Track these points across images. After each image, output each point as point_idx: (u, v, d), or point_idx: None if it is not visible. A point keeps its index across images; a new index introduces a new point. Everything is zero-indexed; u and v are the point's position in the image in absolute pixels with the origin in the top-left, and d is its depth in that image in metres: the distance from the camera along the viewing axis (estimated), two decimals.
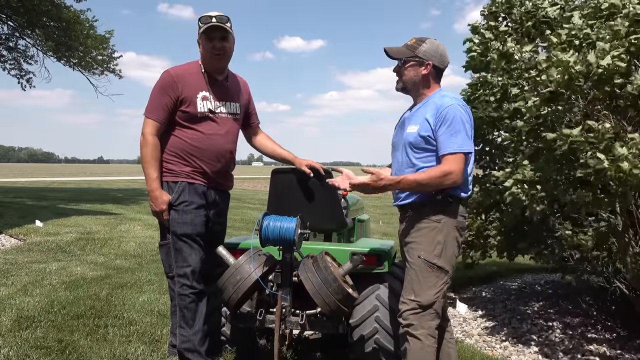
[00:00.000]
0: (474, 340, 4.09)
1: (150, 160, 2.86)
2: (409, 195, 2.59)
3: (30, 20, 14.29)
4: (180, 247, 2.86)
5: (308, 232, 2.86)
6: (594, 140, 2.91)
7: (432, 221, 2.52)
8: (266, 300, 2.97)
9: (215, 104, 2.93)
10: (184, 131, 2.90)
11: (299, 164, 3.09)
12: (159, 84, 2.90)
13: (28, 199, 14.18)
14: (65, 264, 6.10)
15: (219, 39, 2.87)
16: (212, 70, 2.95)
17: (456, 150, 2.43)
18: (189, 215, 2.86)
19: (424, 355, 2.46)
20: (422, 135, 2.51)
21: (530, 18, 4.07)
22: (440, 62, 2.62)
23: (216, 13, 2.87)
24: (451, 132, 2.44)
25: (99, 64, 16.14)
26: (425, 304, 2.48)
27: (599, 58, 2.95)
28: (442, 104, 2.50)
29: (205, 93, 2.91)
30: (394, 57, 2.65)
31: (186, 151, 2.89)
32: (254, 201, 16.53)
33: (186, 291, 2.85)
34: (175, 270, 2.90)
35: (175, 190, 2.88)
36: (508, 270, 6.61)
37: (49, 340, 3.47)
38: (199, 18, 2.89)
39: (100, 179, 36.43)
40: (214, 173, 2.94)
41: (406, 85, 2.66)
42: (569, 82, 3.08)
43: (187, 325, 2.84)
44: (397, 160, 2.67)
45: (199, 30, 2.89)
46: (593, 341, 3.97)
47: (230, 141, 3.02)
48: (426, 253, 2.50)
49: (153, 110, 2.89)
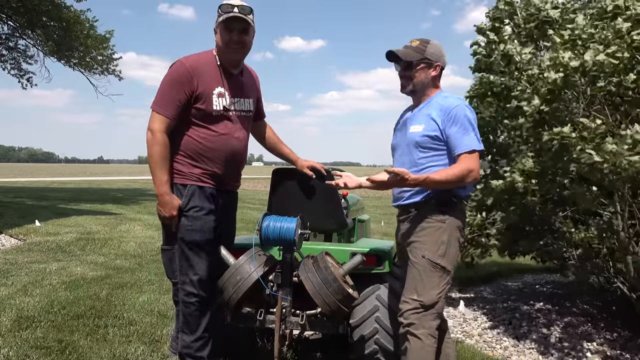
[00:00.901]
0: (474, 340, 4.09)
1: (160, 160, 2.63)
2: (413, 195, 2.58)
3: (30, 20, 14.30)
4: (188, 254, 2.71)
5: (308, 232, 2.85)
6: (586, 136, 2.98)
7: (437, 221, 2.52)
8: (266, 300, 2.96)
9: (230, 101, 2.73)
10: (196, 130, 2.70)
11: (301, 165, 3.06)
12: (172, 76, 2.66)
13: (28, 199, 14.19)
14: (65, 264, 6.10)
15: (238, 31, 2.65)
16: (227, 63, 2.74)
17: (472, 148, 2.47)
18: (198, 222, 2.69)
19: (423, 355, 2.46)
20: (429, 134, 2.52)
21: (533, 20, 4.11)
22: (444, 63, 2.65)
23: (238, 2, 2.65)
24: (463, 132, 2.47)
25: (99, 64, 16.14)
26: (428, 303, 2.47)
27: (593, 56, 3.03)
28: (449, 104, 2.52)
29: (221, 89, 2.70)
30: (404, 60, 2.61)
31: (197, 152, 2.70)
32: (254, 201, 16.52)
33: (191, 299, 2.73)
34: (179, 277, 2.76)
35: (184, 195, 2.70)
36: (508, 270, 6.61)
37: (49, 340, 3.47)
38: (219, 5, 2.65)
39: (100, 179, 36.44)
40: (224, 175, 2.78)
41: (416, 88, 2.64)
42: (565, 80, 3.14)
43: (190, 331, 2.76)
44: (400, 162, 2.65)
45: (217, 18, 2.66)
46: (593, 341, 3.97)
47: (244, 141, 2.84)
48: (430, 253, 2.49)
49: (164, 105, 2.64)
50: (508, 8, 4.28)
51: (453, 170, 2.45)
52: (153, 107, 2.69)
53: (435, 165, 2.53)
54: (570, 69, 3.10)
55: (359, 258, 2.81)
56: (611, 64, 3.01)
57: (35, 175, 41.27)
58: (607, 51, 3.01)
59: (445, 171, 2.45)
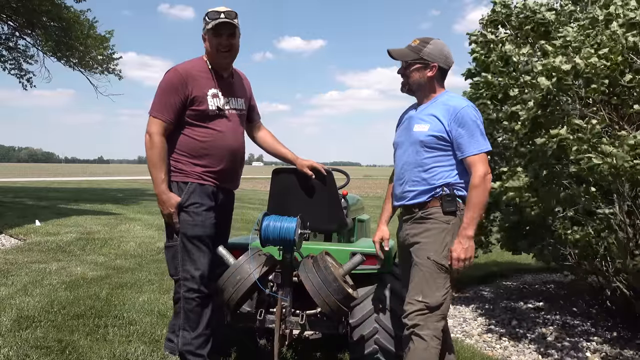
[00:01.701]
0: (474, 340, 4.09)
1: (157, 162, 2.77)
2: (417, 195, 2.56)
3: (30, 21, 14.29)
4: (190, 249, 2.79)
5: (308, 232, 2.85)
6: (582, 136, 3.00)
7: (441, 222, 2.51)
8: (266, 300, 2.97)
9: (224, 101, 2.88)
10: (194, 130, 2.83)
11: (300, 165, 3.07)
12: (168, 82, 2.81)
13: (28, 199, 14.19)
14: (65, 264, 6.10)
15: (227, 35, 2.80)
16: (218, 67, 2.89)
17: (480, 150, 2.47)
18: (199, 217, 2.79)
19: (427, 356, 2.44)
20: (435, 134, 2.51)
21: (528, 23, 4.14)
22: (445, 63, 2.60)
23: (224, 8, 2.78)
24: (471, 134, 2.47)
25: (99, 64, 16.14)
26: (434, 305, 2.46)
27: (584, 59, 3.09)
28: (455, 105, 2.51)
29: (214, 90, 2.85)
30: (397, 59, 2.63)
31: (197, 150, 2.82)
32: (254, 201, 16.52)
33: (192, 295, 2.79)
34: (181, 274, 2.82)
35: (185, 191, 2.81)
36: (508, 270, 6.61)
37: (49, 340, 3.47)
38: (206, 13, 2.81)
39: (101, 178, 36.44)
40: (225, 172, 2.89)
41: (412, 87, 2.65)
42: (557, 84, 3.19)
43: (191, 328, 2.80)
44: (402, 160, 2.64)
45: (205, 26, 2.81)
46: (593, 341, 3.97)
47: (240, 138, 2.98)
48: (436, 254, 2.48)
49: (160, 110, 2.79)
50: (505, 11, 4.31)
51: (474, 188, 2.44)
52: (150, 113, 2.83)
53: (441, 166, 2.52)
54: (563, 72, 3.15)
55: (359, 258, 2.81)
56: (604, 66, 3.06)
57: (35, 175, 41.27)
58: (599, 53, 3.07)
59: (471, 195, 2.45)
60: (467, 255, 2.44)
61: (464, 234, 2.44)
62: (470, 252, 2.45)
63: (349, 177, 3.95)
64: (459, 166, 2.53)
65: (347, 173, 4.05)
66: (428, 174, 2.53)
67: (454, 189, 2.51)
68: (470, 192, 2.46)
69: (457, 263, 2.44)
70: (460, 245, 2.43)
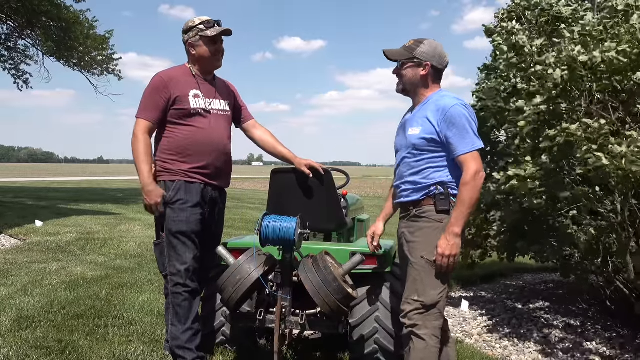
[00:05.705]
0: (474, 340, 4.09)
1: (142, 155, 2.89)
2: (412, 193, 2.58)
3: (29, 21, 14.28)
4: (174, 244, 2.89)
5: (308, 232, 2.86)
6: (590, 136, 2.98)
7: (434, 221, 2.52)
8: (266, 300, 2.97)
9: (207, 101, 3.01)
10: (178, 128, 2.95)
11: (299, 164, 3.09)
12: (151, 87, 2.97)
13: (28, 199, 14.18)
14: (65, 264, 6.10)
15: (221, 41, 3.04)
16: (205, 72, 3.07)
17: (471, 149, 2.46)
18: (184, 213, 2.88)
19: (427, 355, 2.46)
20: (425, 137, 2.52)
21: (544, 15, 4.15)
22: (439, 63, 2.62)
23: (208, 17, 3.02)
24: (461, 133, 2.47)
25: (99, 64, 16.12)
26: (429, 303, 2.47)
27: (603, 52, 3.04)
28: (444, 104, 2.51)
29: (196, 91, 2.99)
30: (392, 59, 2.66)
31: (182, 147, 2.93)
32: (254, 201, 16.52)
33: (179, 289, 2.88)
34: (168, 269, 2.92)
35: (171, 189, 2.91)
36: (508, 270, 6.61)
37: (49, 340, 3.47)
38: (200, 22, 2.98)
39: (100, 178, 36.45)
40: (211, 168, 2.97)
41: (406, 87, 2.66)
42: (572, 75, 3.15)
43: (179, 322, 2.89)
44: (399, 162, 2.67)
45: (197, 34, 2.98)
46: (593, 341, 3.97)
47: (225, 136, 3.06)
48: (428, 253, 2.49)
49: (144, 111, 2.95)
50: (524, 3, 4.31)
51: (464, 186, 2.42)
52: (136, 115, 2.98)
53: (434, 166, 2.53)
54: (579, 63, 3.11)
55: (359, 258, 2.81)
56: (620, 62, 3.01)
57: (35, 175, 41.27)
58: (619, 49, 3.02)
59: (460, 193, 2.43)
60: (452, 252, 2.43)
61: (450, 231, 2.43)
62: (455, 249, 2.43)
63: (348, 177, 3.95)
64: (452, 165, 2.53)
65: (347, 173, 4.05)
66: (421, 175, 2.55)
67: (448, 187, 2.52)
68: (460, 189, 2.45)
69: (442, 259, 2.43)
70: (446, 242, 2.42)
